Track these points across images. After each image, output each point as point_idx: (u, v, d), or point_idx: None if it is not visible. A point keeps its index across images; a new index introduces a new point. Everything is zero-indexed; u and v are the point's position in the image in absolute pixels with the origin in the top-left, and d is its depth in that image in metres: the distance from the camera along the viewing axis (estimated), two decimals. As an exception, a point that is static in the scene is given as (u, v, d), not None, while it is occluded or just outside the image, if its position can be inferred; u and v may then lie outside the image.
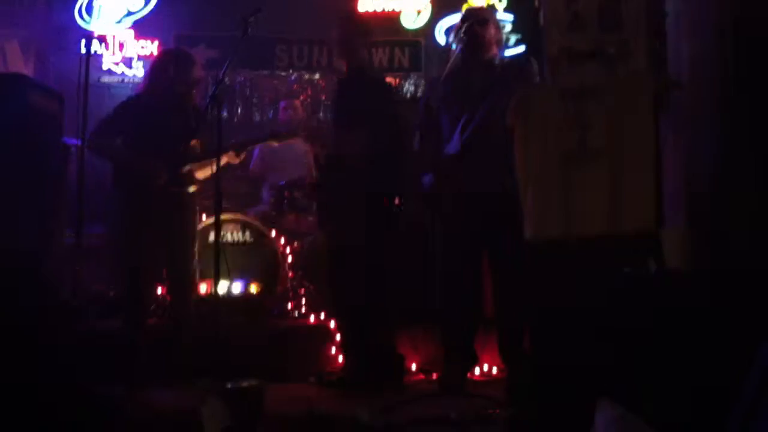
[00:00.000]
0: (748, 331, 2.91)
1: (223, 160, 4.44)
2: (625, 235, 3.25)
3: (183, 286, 4.53)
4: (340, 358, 4.80)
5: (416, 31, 7.44)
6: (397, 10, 7.47)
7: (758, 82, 3.24)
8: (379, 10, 7.48)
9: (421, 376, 4.80)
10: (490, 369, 4.75)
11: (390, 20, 7.45)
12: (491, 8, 7.12)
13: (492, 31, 4.35)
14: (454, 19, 6.96)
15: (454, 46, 4.45)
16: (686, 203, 3.64)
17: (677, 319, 3.14)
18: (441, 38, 7.27)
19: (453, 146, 4.22)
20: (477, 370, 4.67)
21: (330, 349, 4.90)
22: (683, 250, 3.53)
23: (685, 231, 3.56)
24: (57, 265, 4.89)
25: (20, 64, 7.48)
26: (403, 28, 7.46)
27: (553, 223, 3.37)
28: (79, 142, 4.70)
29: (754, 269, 3.08)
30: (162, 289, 4.86)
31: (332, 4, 7.52)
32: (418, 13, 7.52)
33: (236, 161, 4.64)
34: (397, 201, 4.48)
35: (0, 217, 4.41)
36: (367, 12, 7.45)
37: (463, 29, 4.30)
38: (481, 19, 4.37)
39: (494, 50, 4.37)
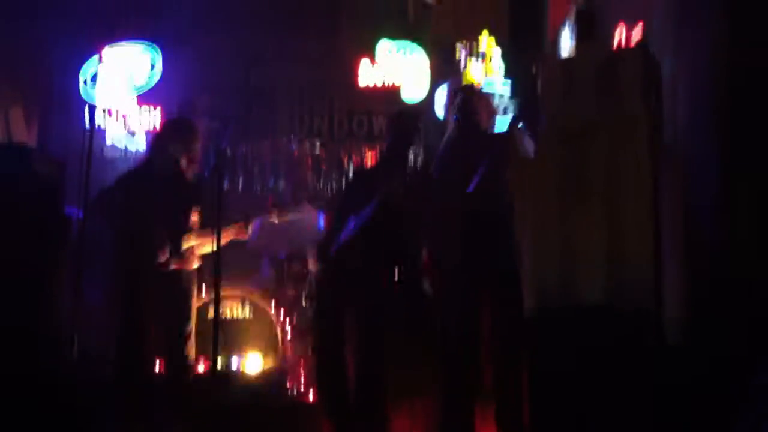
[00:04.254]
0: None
1: (231, 236, 4.45)
2: (624, 307, 3.26)
3: (178, 363, 4.49)
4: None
5: (415, 104, 7.52)
6: (397, 84, 7.58)
7: (755, 147, 3.27)
8: (379, 84, 7.60)
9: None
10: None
11: (390, 93, 7.56)
12: (488, 73, 7.23)
13: (483, 103, 4.43)
14: (453, 92, 7.08)
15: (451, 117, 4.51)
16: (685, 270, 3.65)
17: (677, 392, 3.14)
18: (440, 111, 7.35)
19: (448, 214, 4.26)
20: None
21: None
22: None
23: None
24: (56, 335, 4.88)
25: (23, 131, 7.53)
26: (402, 101, 7.55)
27: (552, 294, 3.38)
28: (81, 213, 4.71)
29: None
30: (160, 364, 4.82)
31: (333, 76, 7.68)
32: (418, 83, 7.62)
33: (245, 236, 4.63)
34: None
35: (2, 286, 4.42)
36: (367, 86, 7.57)
37: (457, 101, 4.39)
38: (472, 91, 4.47)
39: (486, 121, 4.43)
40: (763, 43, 3.24)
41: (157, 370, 4.81)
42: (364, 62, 7.62)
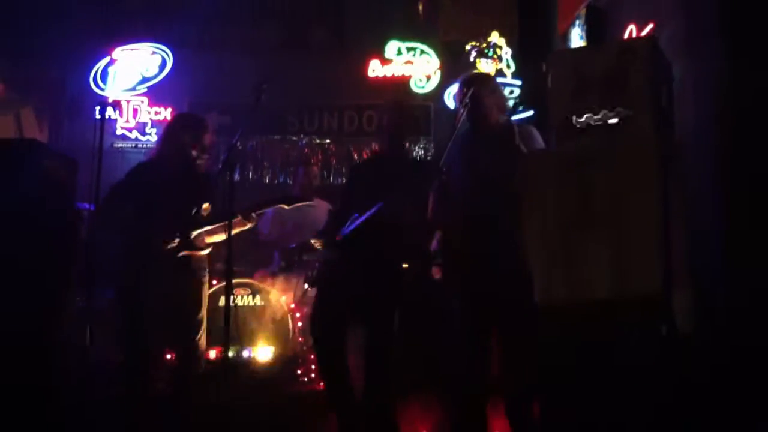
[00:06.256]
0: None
1: (237, 229, 4.45)
2: (632, 299, 3.23)
3: (189, 351, 4.49)
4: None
5: (425, 96, 7.55)
6: (407, 75, 7.61)
7: (758, 148, 3.27)
8: (389, 74, 7.63)
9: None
10: (501, 435, 4.68)
11: (400, 84, 7.59)
12: (498, 73, 7.23)
13: (491, 96, 4.38)
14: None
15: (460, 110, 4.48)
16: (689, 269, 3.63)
17: (685, 382, 3.13)
18: (450, 102, 7.37)
19: (456, 210, 4.24)
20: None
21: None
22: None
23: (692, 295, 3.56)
24: (67, 330, 4.90)
25: (35, 129, 7.60)
26: (412, 92, 7.58)
27: (559, 287, 3.36)
28: (92, 207, 4.72)
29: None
30: (171, 355, 4.83)
31: (342, 71, 7.72)
32: (428, 78, 7.66)
33: (251, 224, 4.63)
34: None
35: (12, 283, 4.44)
36: (377, 77, 7.60)
37: (466, 96, 4.33)
38: (480, 84, 4.41)
39: (496, 115, 4.39)
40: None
41: (168, 358, 4.84)
42: (374, 63, 7.68)
